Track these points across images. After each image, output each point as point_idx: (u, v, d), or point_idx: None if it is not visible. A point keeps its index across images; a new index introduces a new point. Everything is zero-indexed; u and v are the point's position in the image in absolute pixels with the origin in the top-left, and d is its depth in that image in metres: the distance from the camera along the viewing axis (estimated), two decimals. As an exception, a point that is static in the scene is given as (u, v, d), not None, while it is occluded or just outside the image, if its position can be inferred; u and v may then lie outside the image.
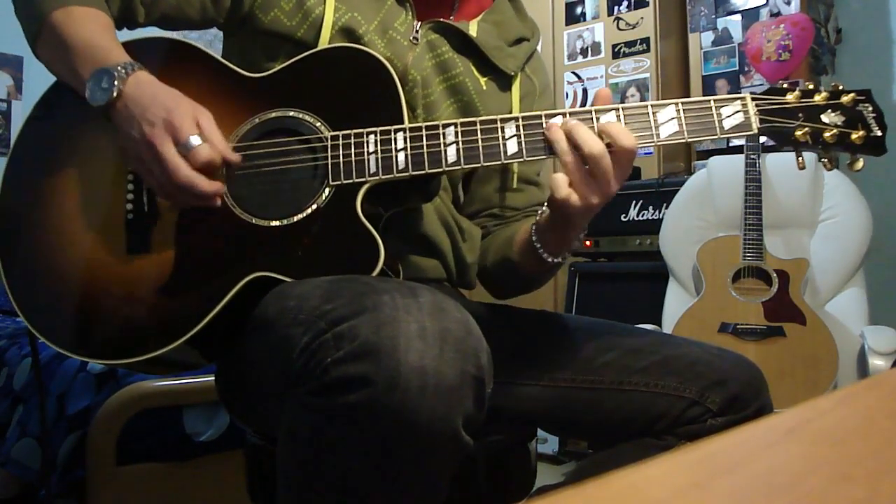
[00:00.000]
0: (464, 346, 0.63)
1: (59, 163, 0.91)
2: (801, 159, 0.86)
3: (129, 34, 0.97)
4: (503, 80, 1.05)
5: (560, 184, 0.81)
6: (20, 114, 3.47)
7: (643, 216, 2.51)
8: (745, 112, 0.83)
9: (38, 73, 0.92)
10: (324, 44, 0.93)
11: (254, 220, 0.84)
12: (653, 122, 0.83)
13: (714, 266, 2.02)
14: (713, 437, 0.35)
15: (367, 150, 0.84)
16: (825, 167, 0.86)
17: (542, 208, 0.91)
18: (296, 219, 0.83)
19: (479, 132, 0.84)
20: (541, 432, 1.09)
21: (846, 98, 0.84)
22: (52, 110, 0.93)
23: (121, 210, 0.87)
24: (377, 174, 0.83)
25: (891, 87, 2.73)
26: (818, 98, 0.84)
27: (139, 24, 0.96)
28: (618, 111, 0.83)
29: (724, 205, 2.18)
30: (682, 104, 0.84)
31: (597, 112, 0.83)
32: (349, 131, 0.85)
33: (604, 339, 0.96)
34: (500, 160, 0.84)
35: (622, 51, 2.96)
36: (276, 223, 0.84)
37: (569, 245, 0.92)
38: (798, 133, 0.83)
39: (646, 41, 2.89)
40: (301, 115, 0.87)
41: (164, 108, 0.80)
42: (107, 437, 1.43)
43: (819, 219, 2.12)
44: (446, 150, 0.84)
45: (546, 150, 0.83)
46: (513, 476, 1.03)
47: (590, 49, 3.07)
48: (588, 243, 2.60)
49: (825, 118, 0.83)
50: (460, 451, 0.64)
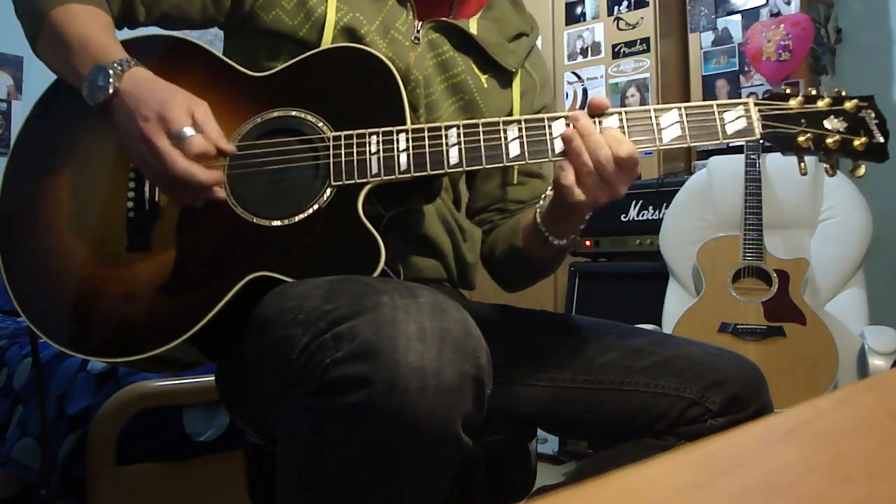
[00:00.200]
0: (463, 346, 0.63)
1: (59, 162, 0.91)
2: (803, 165, 0.86)
3: (133, 33, 0.97)
4: (504, 76, 1.05)
5: (570, 182, 0.82)
6: (20, 114, 3.47)
7: (643, 216, 2.51)
8: (748, 117, 0.83)
9: (38, 73, 0.92)
10: (326, 44, 0.93)
11: (255, 220, 0.84)
12: (655, 127, 0.83)
13: (714, 266, 2.02)
14: (713, 438, 0.35)
15: (369, 151, 0.84)
16: (827, 173, 0.86)
17: (546, 194, 0.92)
18: (297, 218, 0.83)
19: (482, 134, 0.84)
20: (541, 432, 1.09)
21: (849, 104, 0.83)
22: (51, 109, 0.93)
23: (121, 208, 0.87)
24: (379, 175, 0.83)
25: (891, 88, 2.73)
26: (821, 104, 0.84)
27: (140, 23, 0.96)
28: (620, 115, 0.83)
29: (724, 205, 2.18)
30: (685, 108, 0.83)
31: (600, 116, 0.83)
32: (351, 131, 0.85)
33: (604, 339, 0.96)
34: (503, 162, 0.84)
35: (622, 51, 2.96)
36: (277, 223, 0.84)
37: (573, 229, 0.92)
38: (800, 139, 0.83)
39: (646, 41, 2.89)
40: (303, 115, 0.87)
41: (157, 101, 0.80)
42: (107, 437, 1.43)
43: (819, 219, 2.12)
44: (448, 152, 0.84)
45: (548, 151, 0.84)
46: (513, 476, 1.03)
47: (590, 49, 3.07)
48: (588, 243, 2.60)
49: (828, 124, 0.83)
50: (460, 452, 0.64)
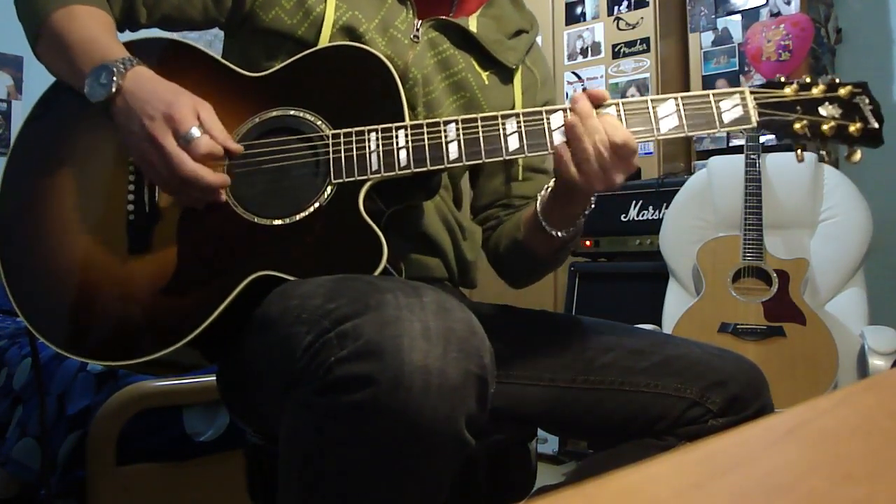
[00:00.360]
0: (467, 345, 0.63)
1: (59, 163, 0.91)
2: (799, 152, 0.87)
3: (130, 35, 0.97)
4: (505, 73, 1.05)
5: (564, 153, 0.83)
6: (20, 114, 3.47)
7: (643, 216, 2.51)
8: (744, 105, 0.84)
9: (38, 73, 0.92)
10: (324, 42, 0.93)
11: (256, 219, 0.84)
12: (653, 117, 0.84)
13: (714, 266, 2.02)
14: (713, 438, 0.35)
15: (369, 148, 0.84)
16: (823, 160, 0.86)
17: (546, 188, 0.92)
18: (298, 217, 0.83)
19: (480, 128, 0.84)
20: (541, 432, 1.09)
21: (843, 90, 0.84)
22: (51, 110, 0.93)
23: (122, 210, 0.87)
24: (379, 171, 0.83)
25: (891, 87, 2.73)
26: (816, 91, 0.85)
27: (141, 24, 0.96)
28: (618, 105, 0.84)
29: (724, 205, 2.18)
30: (682, 98, 0.84)
31: (598, 108, 0.84)
32: (350, 129, 0.85)
33: (604, 339, 0.96)
34: (502, 156, 0.84)
35: (622, 51, 2.96)
36: (278, 222, 0.84)
37: (573, 220, 0.93)
38: (796, 126, 0.84)
39: (646, 41, 2.89)
40: (302, 114, 0.87)
41: (163, 102, 0.80)
42: (107, 437, 1.43)
43: (819, 219, 2.11)
44: (448, 147, 0.84)
45: (547, 144, 0.84)
46: (513, 476, 1.03)
47: (590, 49, 3.07)
48: (588, 243, 2.60)
49: (823, 111, 0.84)
50: (462, 451, 0.64)
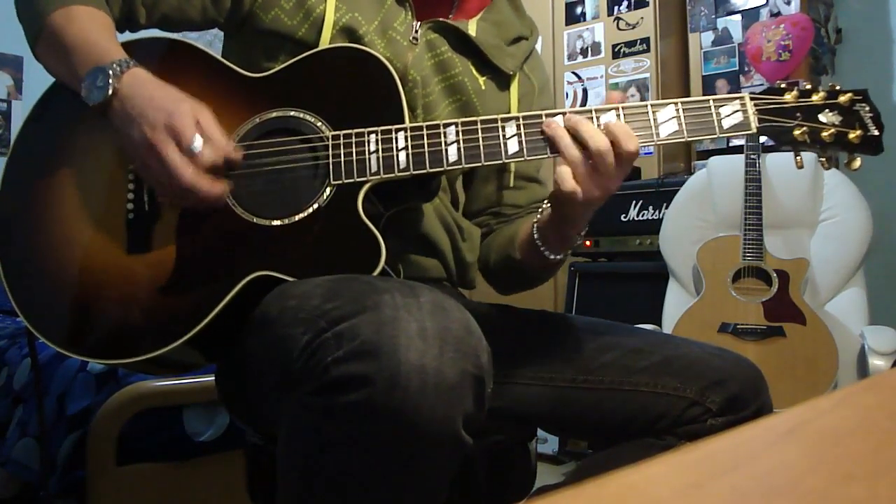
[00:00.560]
0: (464, 345, 0.63)
1: (58, 163, 0.91)
2: (799, 158, 0.87)
3: (131, 35, 0.97)
4: (502, 79, 1.05)
5: (566, 177, 0.81)
6: (20, 114, 3.47)
7: (643, 216, 2.51)
8: (744, 111, 0.84)
9: (38, 73, 0.92)
10: (324, 43, 0.93)
11: (255, 220, 0.84)
12: (653, 122, 0.84)
13: (714, 266, 2.02)
14: (713, 437, 0.35)
15: (369, 150, 0.84)
16: (823, 166, 0.86)
17: (544, 205, 0.92)
18: (297, 218, 0.83)
19: (480, 131, 0.84)
20: (541, 432, 1.09)
21: (843, 98, 0.84)
22: (51, 110, 0.93)
23: (121, 210, 0.87)
24: (378, 173, 0.83)
25: (891, 87, 2.73)
26: (816, 98, 0.85)
27: (141, 25, 0.96)
28: (618, 110, 0.84)
29: (724, 205, 2.18)
30: (682, 104, 0.84)
31: (597, 111, 0.83)
32: (350, 131, 0.85)
33: (604, 339, 0.96)
34: (502, 159, 0.84)
35: (622, 51, 2.96)
36: (277, 222, 0.83)
37: (570, 243, 0.93)
38: (796, 132, 0.84)
39: (646, 41, 2.89)
40: (302, 115, 0.87)
41: (163, 111, 0.79)
42: (107, 437, 1.43)
43: (819, 219, 2.12)
44: (447, 150, 0.84)
45: (547, 148, 0.84)
46: (513, 476, 1.03)
47: (590, 49, 3.07)
48: (588, 243, 2.60)
49: (823, 118, 0.84)
50: (460, 451, 0.64)
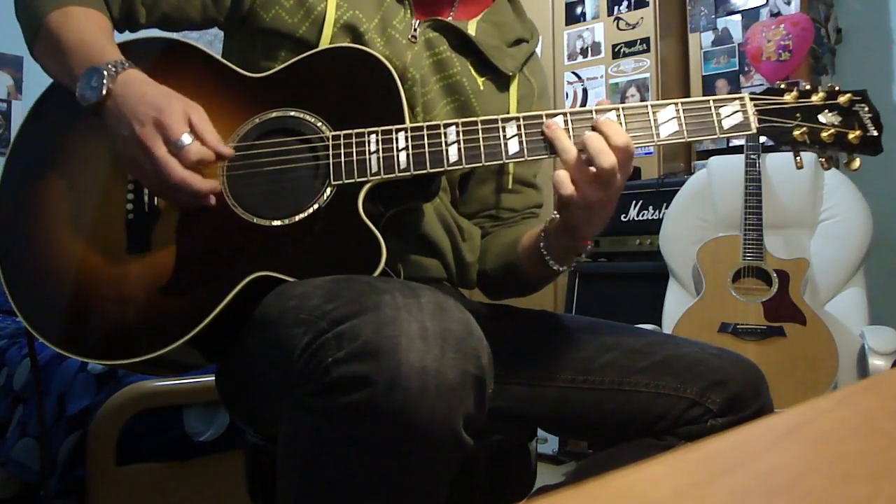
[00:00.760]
0: (465, 346, 0.63)
1: (58, 163, 0.91)
2: (799, 159, 0.87)
3: (130, 35, 0.97)
4: (501, 80, 1.04)
5: (563, 181, 0.81)
6: (20, 114, 3.47)
7: (643, 216, 2.51)
8: (744, 112, 0.84)
9: (38, 73, 0.92)
10: (325, 41, 0.93)
11: (255, 220, 0.84)
12: (653, 122, 0.84)
13: (714, 266, 2.02)
14: (713, 438, 0.35)
15: (369, 150, 0.84)
16: (822, 166, 0.86)
17: (552, 214, 0.91)
18: (297, 218, 0.83)
19: (481, 132, 0.84)
20: (541, 432, 1.09)
21: (843, 98, 0.84)
22: (50, 110, 0.93)
23: (121, 210, 0.87)
24: (379, 174, 0.83)
25: (891, 87, 2.73)
26: (815, 98, 0.85)
27: (141, 24, 0.96)
28: (618, 111, 0.84)
29: (724, 205, 2.18)
30: (682, 104, 0.84)
31: (597, 112, 0.83)
32: (350, 131, 0.85)
33: (604, 339, 0.96)
34: (502, 160, 0.84)
35: (622, 51, 2.96)
36: (277, 223, 0.83)
37: (576, 253, 0.93)
38: (796, 133, 0.84)
39: (646, 41, 2.89)
40: (302, 115, 0.87)
41: (153, 107, 0.79)
42: (107, 437, 1.43)
43: (819, 219, 2.12)
44: (448, 150, 0.84)
45: (547, 149, 0.84)
46: (513, 476, 1.03)
47: (590, 49, 3.07)
48: (589, 244, 2.60)
49: (822, 118, 0.84)
50: (461, 452, 0.64)
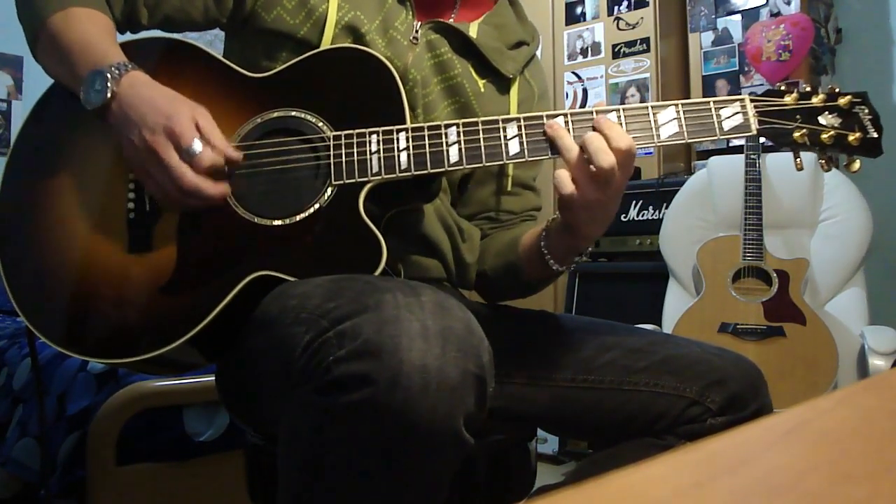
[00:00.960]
0: (466, 344, 0.63)
1: (59, 162, 0.91)
2: (799, 161, 0.87)
3: (132, 36, 0.97)
4: (502, 82, 1.04)
5: (564, 180, 0.81)
6: (20, 114, 3.47)
7: (643, 216, 2.52)
8: (745, 113, 0.84)
9: (38, 73, 0.92)
10: (327, 42, 0.93)
11: (256, 220, 0.84)
12: (653, 123, 0.84)
13: (714, 266, 2.02)
14: (713, 437, 0.35)
15: (370, 150, 0.84)
16: (822, 168, 0.86)
17: (554, 214, 0.92)
18: (298, 218, 0.83)
19: (482, 132, 0.84)
20: (541, 432, 1.09)
21: (843, 100, 0.84)
22: (52, 110, 0.93)
23: (122, 209, 0.87)
24: (380, 174, 0.83)
25: (891, 87, 2.73)
26: (816, 100, 0.85)
27: (143, 25, 0.96)
28: (618, 112, 0.84)
29: (724, 205, 2.18)
30: (682, 105, 0.84)
31: (597, 113, 0.83)
32: (351, 131, 0.85)
33: (604, 338, 0.96)
34: (503, 160, 0.84)
35: (622, 51, 2.96)
36: (278, 222, 0.84)
37: (577, 253, 0.93)
38: (796, 134, 0.84)
39: (646, 41, 2.89)
40: (303, 115, 0.87)
41: (162, 114, 0.79)
42: (107, 437, 1.43)
43: (819, 219, 2.12)
44: (448, 150, 0.84)
45: (547, 149, 0.84)
46: (513, 476, 1.03)
47: (590, 49, 3.07)
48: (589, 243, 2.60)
49: (822, 120, 0.84)
50: (461, 450, 0.64)
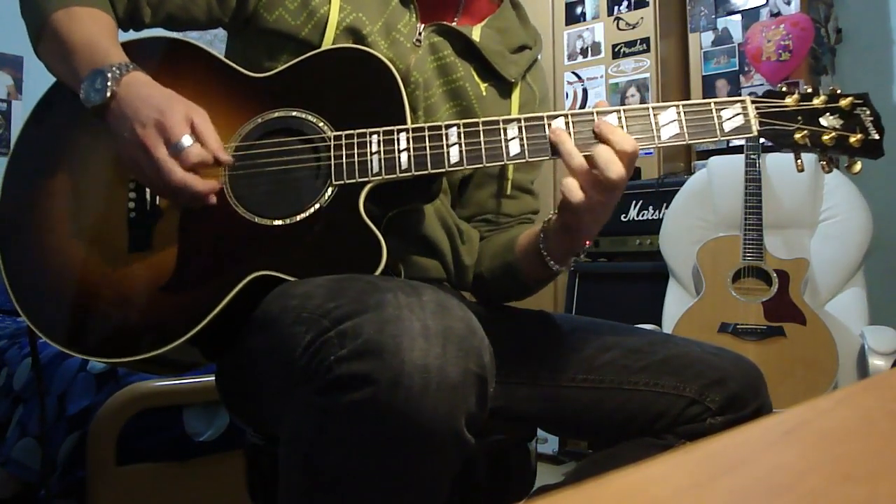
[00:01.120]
0: (466, 344, 0.63)
1: (60, 162, 0.91)
2: (800, 162, 0.87)
3: (134, 35, 0.97)
4: (504, 86, 1.04)
5: (573, 188, 0.81)
6: (20, 114, 3.47)
7: (643, 216, 2.52)
8: (745, 115, 0.84)
9: (38, 73, 0.92)
10: (328, 43, 0.93)
11: (256, 220, 0.84)
12: (654, 124, 0.84)
13: (714, 266, 2.02)
14: (713, 437, 0.35)
15: (370, 150, 0.84)
16: (823, 169, 0.86)
17: (550, 214, 0.92)
18: (298, 218, 0.83)
19: (482, 133, 0.84)
20: (541, 432, 1.09)
21: (844, 101, 0.84)
22: (53, 110, 0.93)
23: (123, 209, 0.87)
24: (380, 174, 0.83)
25: (891, 87, 2.73)
26: (817, 101, 0.84)
27: (145, 24, 0.96)
28: (619, 113, 0.84)
29: (724, 205, 2.18)
30: (683, 106, 0.84)
31: (598, 114, 0.83)
32: (352, 131, 0.85)
33: (604, 338, 0.96)
34: (503, 161, 0.84)
35: (622, 51, 2.96)
36: (278, 222, 0.84)
37: (575, 253, 0.93)
38: (797, 136, 0.84)
39: (646, 41, 2.89)
40: (304, 115, 0.87)
41: (155, 109, 0.80)
42: (107, 437, 1.44)
43: (819, 219, 2.12)
44: (449, 151, 0.84)
45: (548, 150, 0.84)
46: (513, 476, 1.03)
47: (590, 49, 3.07)
48: (588, 243, 2.60)
49: (824, 121, 0.84)
50: (462, 450, 0.64)
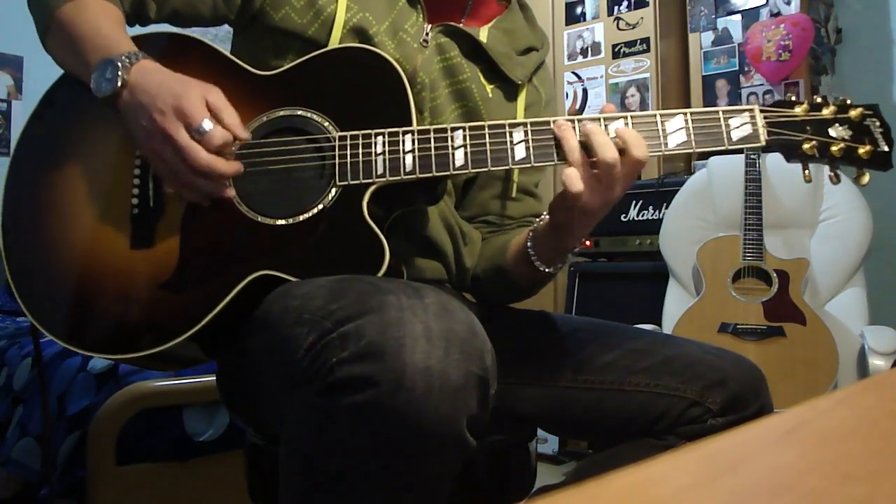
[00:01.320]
0: (469, 346, 0.63)
1: (63, 159, 0.91)
2: (807, 172, 0.85)
3: (140, 30, 0.97)
4: (510, 88, 1.04)
5: (574, 177, 0.79)
6: (20, 114, 3.47)
7: (643, 216, 2.51)
8: (754, 124, 0.83)
9: (39, 73, 0.93)
10: (334, 43, 0.93)
11: (259, 219, 0.84)
12: (661, 132, 0.83)
13: (714, 266, 2.02)
14: (714, 437, 0.35)
15: (375, 152, 0.84)
16: (831, 181, 0.85)
17: (542, 216, 0.91)
18: (301, 218, 0.83)
19: (488, 136, 0.84)
20: (541, 432, 1.09)
21: (854, 112, 0.83)
22: (54, 108, 0.93)
23: (125, 206, 0.87)
24: (384, 176, 0.83)
25: (891, 88, 2.73)
26: (826, 112, 0.83)
27: (151, 20, 0.96)
28: (626, 119, 0.83)
29: (724, 205, 2.18)
30: (691, 114, 0.83)
31: (605, 119, 0.82)
32: (357, 132, 0.85)
33: (604, 339, 0.96)
34: (508, 165, 0.84)
35: (622, 51, 2.96)
36: (281, 222, 0.84)
37: (563, 255, 0.92)
38: (805, 146, 0.83)
39: (646, 41, 2.89)
40: (309, 115, 0.87)
41: (172, 95, 0.79)
42: (107, 437, 1.44)
43: (819, 219, 2.12)
44: (454, 154, 0.83)
45: (554, 155, 0.83)
46: (513, 476, 1.03)
47: (590, 49, 3.07)
48: (588, 243, 2.60)
49: (832, 132, 0.83)
50: (464, 452, 0.64)
